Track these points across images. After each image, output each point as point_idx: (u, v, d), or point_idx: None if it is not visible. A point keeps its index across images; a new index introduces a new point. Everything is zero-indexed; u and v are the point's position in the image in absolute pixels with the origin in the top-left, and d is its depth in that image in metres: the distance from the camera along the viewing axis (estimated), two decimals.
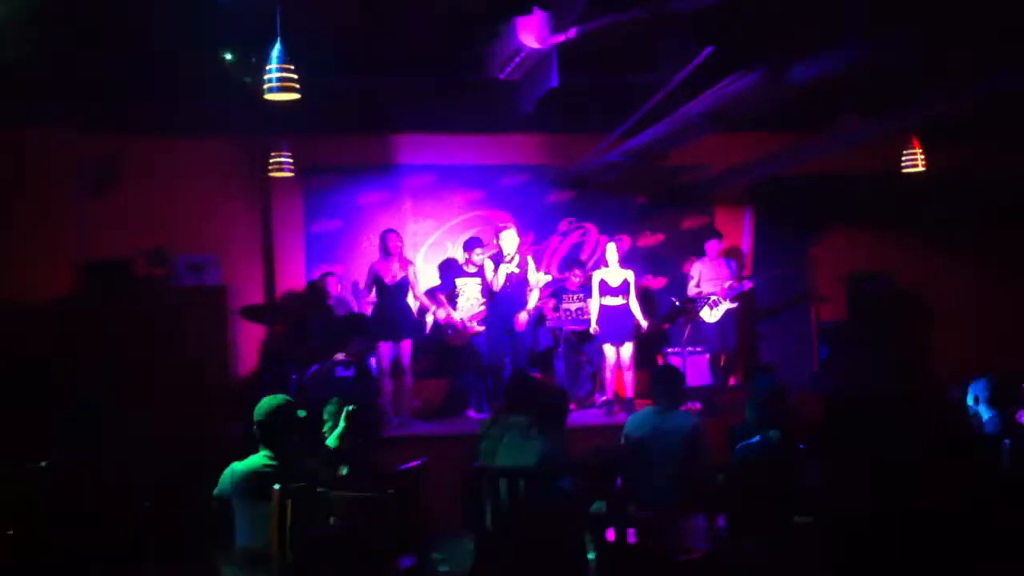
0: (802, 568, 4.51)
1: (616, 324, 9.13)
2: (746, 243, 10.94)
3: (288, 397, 4.84)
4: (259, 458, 4.66)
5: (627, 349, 9.13)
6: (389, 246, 8.90)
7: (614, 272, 9.20)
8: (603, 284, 9.15)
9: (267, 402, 4.74)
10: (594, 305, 9.18)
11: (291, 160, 8.91)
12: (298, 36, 5.91)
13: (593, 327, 9.15)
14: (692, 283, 9.88)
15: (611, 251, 9.26)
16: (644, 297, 9.80)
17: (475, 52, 7.87)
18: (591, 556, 5.76)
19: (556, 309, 9.71)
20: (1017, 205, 10.53)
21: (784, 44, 6.51)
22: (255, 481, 4.56)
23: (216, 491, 4.69)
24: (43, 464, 5.20)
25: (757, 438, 5.38)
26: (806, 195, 10.48)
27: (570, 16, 6.62)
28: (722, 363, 9.83)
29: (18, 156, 9.13)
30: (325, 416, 6.09)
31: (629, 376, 9.15)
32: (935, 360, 10.43)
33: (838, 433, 5.19)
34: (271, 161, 8.94)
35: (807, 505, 4.65)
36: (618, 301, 9.14)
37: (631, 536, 4.94)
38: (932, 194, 10.04)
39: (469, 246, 9.33)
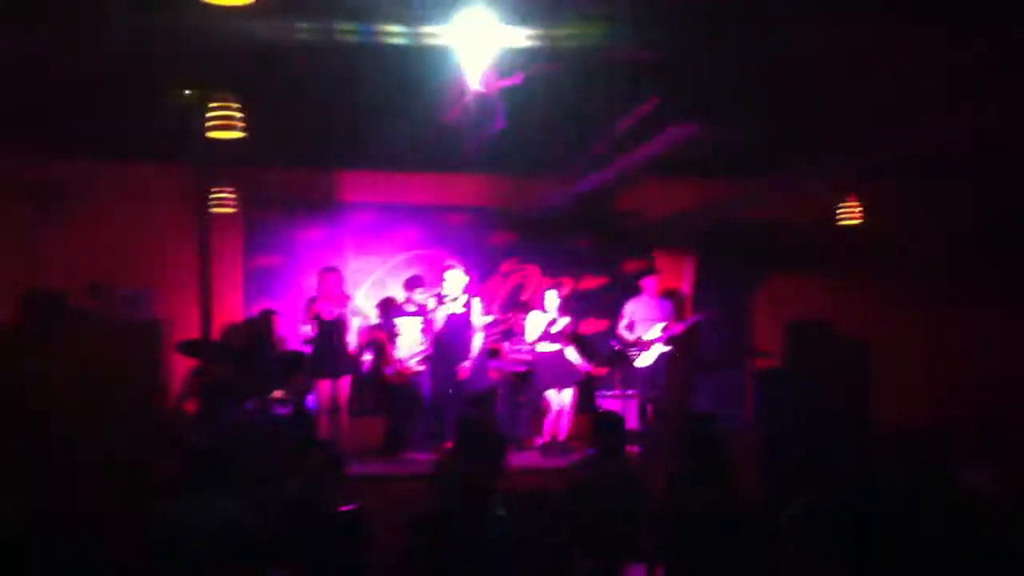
0: None
1: (557, 369, 9.18)
2: (686, 288, 11.01)
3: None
4: None
5: (567, 394, 9.15)
6: (325, 285, 8.84)
7: (552, 318, 9.23)
8: (544, 331, 9.18)
9: None
10: (533, 340, 9.22)
11: (233, 196, 8.82)
12: (245, 69, 5.89)
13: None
14: (623, 323, 9.75)
15: (551, 298, 9.28)
16: (580, 341, 9.79)
17: (422, 91, 7.88)
18: None
19: (501, 353, 9.74)
20: (957, 253, 10.69)
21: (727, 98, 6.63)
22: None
23: None
24: None
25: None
26: (747, 243, 10.57)
27: (518, 60, 6.66)
28: (649, 410, 9.73)
29: None
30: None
31: (566, 420, 9.16)
32: (874, 409, 10.51)
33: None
34: (212, 196, 8.84)
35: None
36: (555, 347, 9.19)
37: None
38: (871, 242, 10.18)
39: (410, 285, 9.30)
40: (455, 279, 9.03)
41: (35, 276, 8.95)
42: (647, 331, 9.61)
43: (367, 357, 9.42)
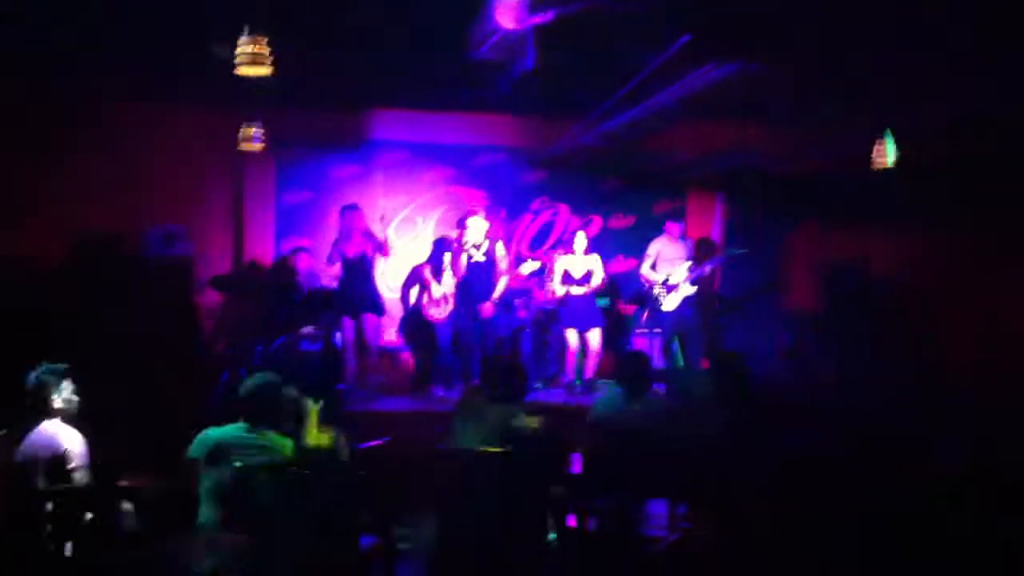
0: (762, 558, 4.57)
1: (581, 311, 9.21)
2: (716, 230, 10.97)
3: (272, 377, 4.85)
4: (235, 428, 4.67)
5: (594, 334, 9.18)
6: (348, 222, 8.89)
7: (579, 260, 9.24)
8: (566, 274, 9.22)
9: (253, 381, 4.76)
10: (557, 290, 9.24)
11: (263, 132, 8.85)
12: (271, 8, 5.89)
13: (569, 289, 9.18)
14: (648, 262, 9.60)
15: (579, 239, 9.27)
16: (609, 281, 9.80)
17: (451, 29, 7.84)
18: (552, 538, 5.79)
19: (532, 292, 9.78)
20: (995, 194, 10.48)
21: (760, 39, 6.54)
22: (226, 450, 4.57)
23: (188, 454, 4.71)
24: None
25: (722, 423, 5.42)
26: (780, 185, 10.47)
27: None
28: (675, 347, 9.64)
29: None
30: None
31: (593, 359, 9.19)
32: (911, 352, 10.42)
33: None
34: (242, 134, 8.87)
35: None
36: (582, 290, 9.20)
37: (592, 523, 4.98)
38: (907, 185, 10.01)
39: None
40: (477, 225, 9.03)
41: (72, 213, 9.09)
42: (671, 271, 9.54)
43: (412, 295, 9.54)
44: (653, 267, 9.62)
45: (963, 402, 6.36)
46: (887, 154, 8.79)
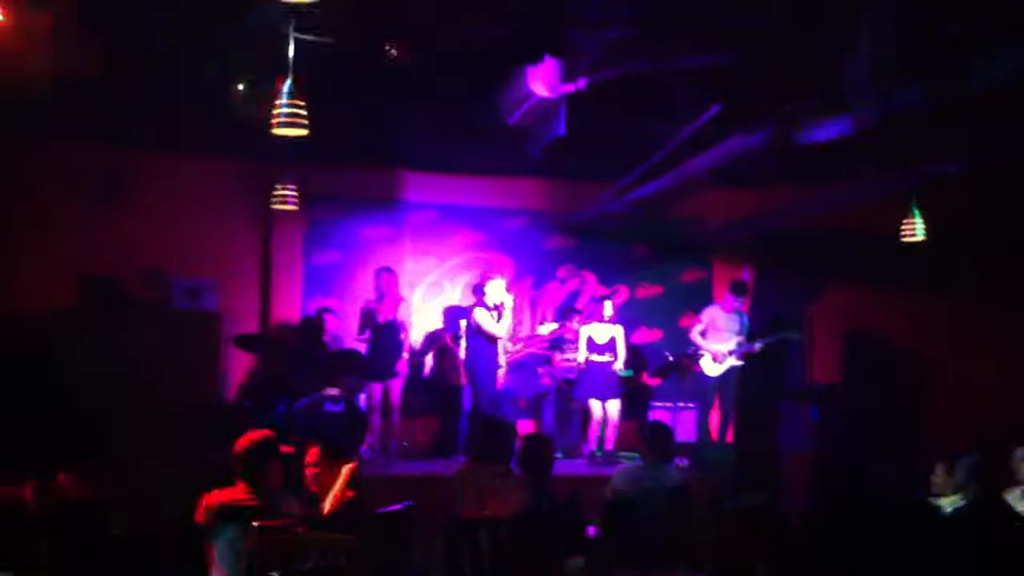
0: None
1: (602, 380, 9.18)
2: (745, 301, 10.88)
3: (268, 432, 4.81)
4: (236, 490, 4.62)
5: (613, 405, 9.13)
6: (383, 285, 8.90)
7: (603, 329, 9.22)
8: (590, 341, 9.19)
9: (249, 435, 4.71)
10: (580, 357, 9.22)
11: (296, 193, 8.90)
12: (308, 65, 5.95)
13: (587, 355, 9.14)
14: (698, 327, 9.57)
15: (607, 308, 9.27)
16: (633, 353, 9.74)
17: (484, 95, 7.92)
18: None
19: (549, 362, 9.73)
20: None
21: (791, 105, 6.56)
22: (228, 513, 4.52)
23: (195, 519, 4.66)
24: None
25: (745, 499, 5.35)
26: (806, 251, 10.41)
27: (581, 67, 6.67)
28: (711, 421, 9.66)
29: (21, 164, 9.09)
30: None
31: (611, 430, 9.12)
32: (930, 424, 10.30)
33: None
34: (275, 193, 8.92)
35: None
36: (605, 358, 9.17)
37: None
38: (932, 254, 9.93)
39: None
40: (496, 289, 9.00)
41: (98, 263, 9.17)
42: (719, 341, 9.50)
43: (427, 360, 9.50)
44: (703, 334, 9.58)
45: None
46: (916, 228, 8.72)
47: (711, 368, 9.50)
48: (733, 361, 9.47)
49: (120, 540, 5.34)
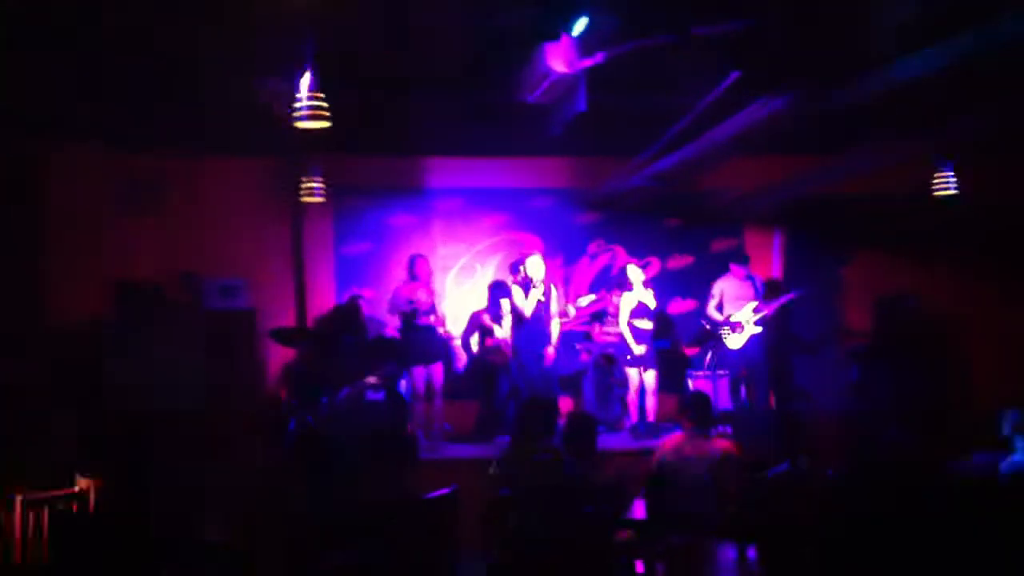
0: None
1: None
2: (776, 266, 10.85)
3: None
4: None
5: (650, 374, 9.10)
6: (417, 271, 8.96)
7: (645, 294, 9.17)
8: (640, 306, 9.11)
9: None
10: (624, 328, 9.14)
11: (323, 185, 8.95)
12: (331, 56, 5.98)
13: (638, 349, 9.06)
14: (713, 302, 9.61)
15: (634, 274, 9.21)
16: (663, 320, 9.73)
17: (503, 75, 7.93)
18: None
19: (589, 337, 9.74)
20: None
21: (810, 70, 6.51)
22: None
23: None
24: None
25: (786, 465, 5.36)
26: (836, 216, 10.36)
27: (597, 41, 6.65)
28: (743, 388, 9.65)
29: (55, 172, 9.16)
30: None
31: (651, 401, 9.12)
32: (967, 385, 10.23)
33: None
34: (303, 186, 8.98)
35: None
36: (646, 324, 9.12)
37: (660, 567, 4.92)
38: (962, 216, 9.88)
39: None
40: (536, 265, 9.01)
41: (132, 269, 9.26)
42: (736, 311, 9.49)
43: (473, 342, 9.56)
44: (719, 307, 9.58)
45: None
46: (947, 182, 8.66)
47: (731, 340, 9.45)
48: (753, 328, 9.43)
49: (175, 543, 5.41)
